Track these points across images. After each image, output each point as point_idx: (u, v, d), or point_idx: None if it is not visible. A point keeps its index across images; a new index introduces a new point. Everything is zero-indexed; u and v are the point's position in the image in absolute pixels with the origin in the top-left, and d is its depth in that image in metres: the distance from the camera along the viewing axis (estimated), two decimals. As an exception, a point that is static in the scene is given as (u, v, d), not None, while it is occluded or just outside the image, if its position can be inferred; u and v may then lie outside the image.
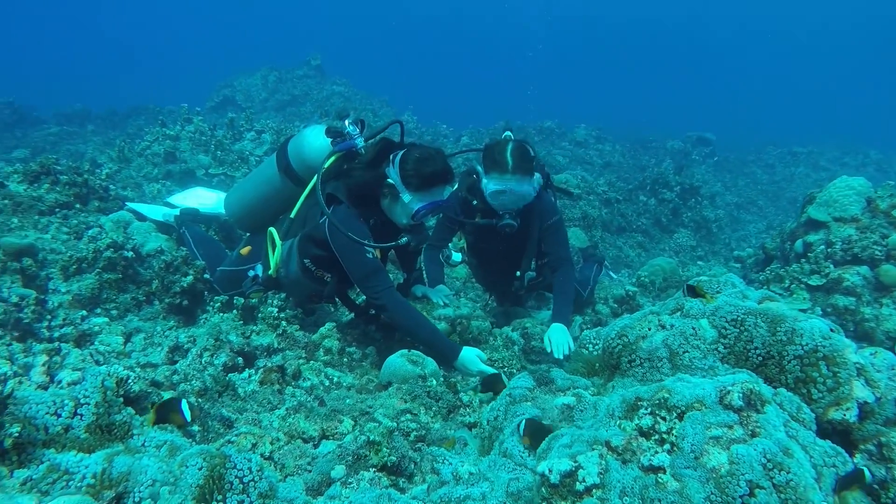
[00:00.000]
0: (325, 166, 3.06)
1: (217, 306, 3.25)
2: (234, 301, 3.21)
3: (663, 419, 1.61)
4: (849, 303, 4.40)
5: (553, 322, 3.27)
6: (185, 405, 1.97)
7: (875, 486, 1.70)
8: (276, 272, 3.25)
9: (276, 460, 2.10)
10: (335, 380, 2.88)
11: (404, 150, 3.04)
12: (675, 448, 1.55)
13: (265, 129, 7.98)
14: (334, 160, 3.10)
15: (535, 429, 1.88)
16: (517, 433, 1.92)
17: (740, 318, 2.10)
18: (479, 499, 1.66)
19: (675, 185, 8.81)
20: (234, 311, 3.17)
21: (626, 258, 7.43)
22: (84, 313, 3.26)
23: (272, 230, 3.27)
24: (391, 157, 3.04)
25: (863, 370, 1.91)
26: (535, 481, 1.61)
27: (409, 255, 3.69)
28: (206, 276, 3.59)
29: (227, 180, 6.82)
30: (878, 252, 4.54)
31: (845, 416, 1.84)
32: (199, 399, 2.49)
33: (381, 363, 2.93)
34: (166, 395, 2.40)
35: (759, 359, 2.02)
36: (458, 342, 3.11)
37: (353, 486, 1.90)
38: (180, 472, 1.54)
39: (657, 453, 1.55)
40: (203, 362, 2.79)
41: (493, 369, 2.90)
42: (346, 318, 3.73)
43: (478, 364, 2.91)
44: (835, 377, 1.88)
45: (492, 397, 2.58)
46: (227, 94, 14.41)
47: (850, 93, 39.42)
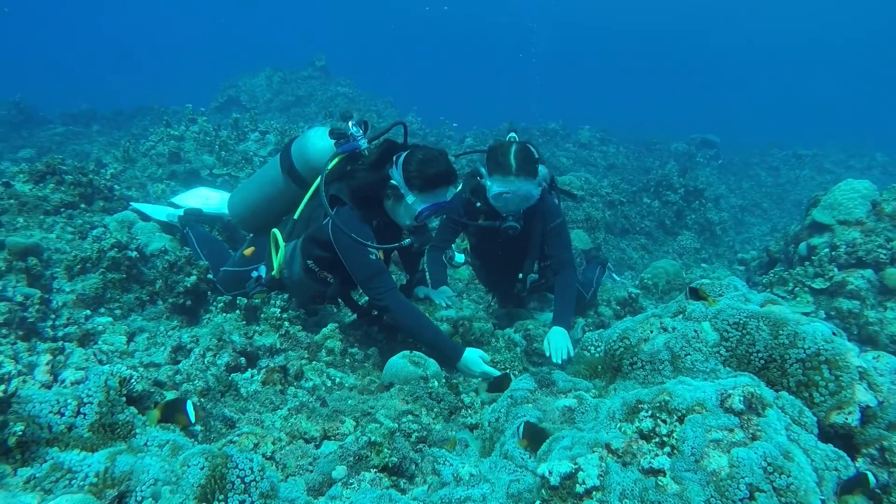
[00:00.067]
0: (329, 168, 3.06)
1: (220, 306, 3.26)
2: (238, 301, 3.23)
3: (664, 422, 1.61)
4: (853, 306, 4.37)
5: (553, 325, 3.26)
6: (189, 406, 1.97)
7: (877, 491, 1.70)
8: (280, 273, 3.26)
9: (277, 460, 2.11)
10: (337, 380, 2.88)
11: (408, 151, 3.05)
12: (676, 451, 1.54)
13: (269, 129, 7.99)
14: (338, 162, 3.10)
15: (534, 432, 1.88)
16: (517, 435, 1.92)
17: (742, 322, 2.10)
18: (479, 500, 1.66)
19: (679, 188, 8.79)
20: (237, 311, 3.18)
21: (630, 260, 7.42)
22: (88, 313, 3.27)
23: (275, 231, 3.28)
24: (394, 158, 3.04)
25: (865, 374, 1.90)
26: (535, 483, 1.61)
27: (412, 257, 3.69)
28: (210, 277, 3.61)
29: (231, 181, 6.84)
30: (882, 255, 4.52)
31: (847, 419, 1.83)
32: (202, 399, 2.50)
33: (383, 364, 2.93)
34: (169, 394, 2.41)
35: (762, 362, 2.02)
36: (460, 343, 3.11)
37: (354, 486, 1.91)
38: (182, 472, 1.55)
39: (657, 456, 1.55)
40: (206, 362, 2.80)
41: (496, 370, 2.90)
42: (348, 319, 3.74)
43: (481, 365, 2.91)
44: (837, 381, 1.87)
45: (498, 398, 2.58)
46: (232, 95, 14.45)
47: (856, 95, 39.28)
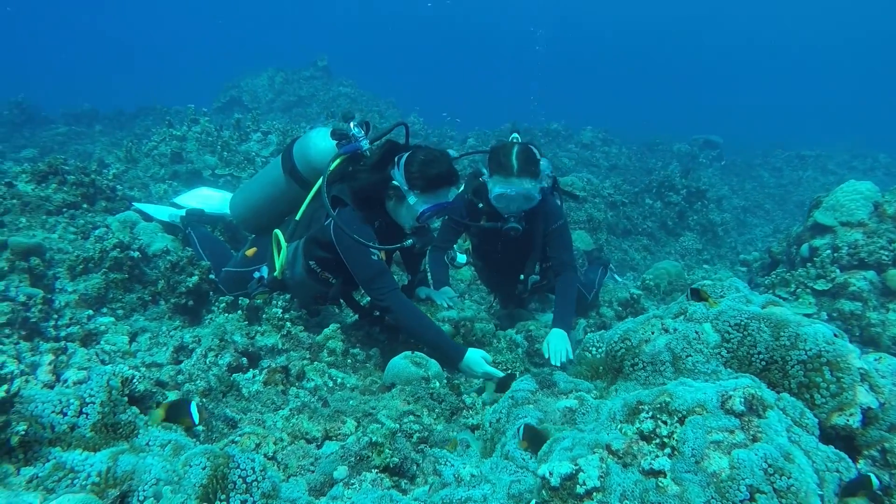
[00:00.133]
0: (331, 168, 3.07)
1: (222, 307, 3.27)
2: (239, 302, 3.23)
3: (664, 423, 1.61)
4: (855, 307, 4.37)
5: (553, 327, 3.24)
6: (194, 407, 1.97)
7: (878, 493, 1.69)
8: (282, 274, 3.27)
9: (279, 460, 2.12)
10: (339, 381, 2.88)
11: (409, 152, 3.05)
12: (676, 452, 1.55)
13: (271, 130, 8.00)
14: (339, 162, 3.11)
15: (534, 434, 1.88)
16: (518, 436, 1.92)
17: (744, 323, 2.10)
18: (480, 500, 1.67)
19: (682, 189, 8.78)
20: (239, 311, 3.19)
21: (632, 261, 7.42)
22: (90, 313, 3.28)
23: (278, 232, 3.29)
24: (396, 159, 3.04)
25: (867, 375, 1.90)
26: (536, 484, 1.61)
27: (413, 257, 3.69)
28: (212, 277, 3.61)
29: (233, 181, 6.85)
30: (885, 257, 4.51)
31: (848, 421, 1.83)
32: (204, 399, 2.50)
33: (384, 365, 2.93)
34: (171, 394, 2.42)
35: (763, 363, 2.02)
36: (462, 344, 3.11)
37: (355, 486, 1.91)
38: (184, 472, 1.55)
39: (658, 457, 1.55)
40: (208, 362, 2.81)
41: (498, 371, 2.90)
42: (350, 320, 3.74)
43: (483, 366, 2.91)
44: (838, 382, 1.87)
45: (500, 398, 2.58)
46: (234, 95, 14.46)
47: (859, 96, 39.18)
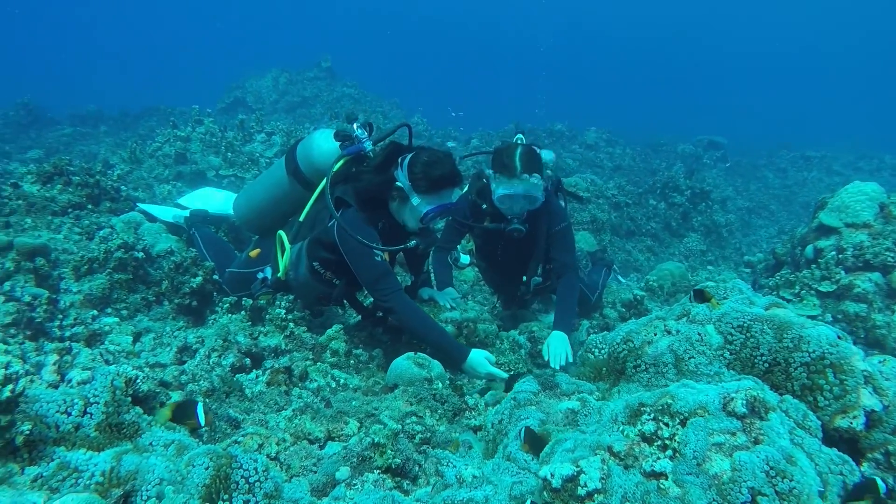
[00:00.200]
0: (334, 170, 3.07)
1: (226, 307, 3.28)
2: (243, 302, 3.24)
3: (666, 425, 1.61)
4: (860, 309, 4.35)
5: (554, 330, 3.21)
6: (200, 409, 1.98)
7: (883, 497, 1.68)
8: (286, 275, 3.27)
9: (281, 461, 2.12)
10: (342, 381, 2.89)
11: (413, 153, 3.05)
12: (678, 454, 1.54)
13: (275, 130, 8.02)
14: (343, 163, 3.12)
15: (535, 438, 1.88)
16: (520, 438, 1.92)
17: (747, 325, 2.09)
18: (482, 501, 1.67)
19: (686, 189, 8.76)
20: (243, 312, 3.20)
21: (635, 262, 7.40)
22: (95, 313, 3.30)
23: (281, 233, 3.30)
24: (400, 160, 3.05)
25: (871, 378, 1.90)
26: (537, 485, 1.61)
27: (417, 258, 3.70)
28: (216, 278, 3.63)
29: (237, 182, 6.87)
30: (890, 258, 4.49)
31: (852, 424, 1.83)
32: (207, 399, 2.51)
33: (387, 365, 2.94)
34: (174, 395, 2.43)
35: (766, 365, 2.01)
36: (465, 345, 3.11)
37: (357, 487, 1.91)
38: (187, 472, 1.56)
39: (659, 459, 1.55)
40: (211, 363, 2.82)
41: (501, 371, 2.90)
42: (353, 321, 3.75)
43: (486, 366, 2.91)
44: (842, 385, 1.87)
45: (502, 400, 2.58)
46: (238, 96, 14.50)
47: (865, 96, 38.99)
